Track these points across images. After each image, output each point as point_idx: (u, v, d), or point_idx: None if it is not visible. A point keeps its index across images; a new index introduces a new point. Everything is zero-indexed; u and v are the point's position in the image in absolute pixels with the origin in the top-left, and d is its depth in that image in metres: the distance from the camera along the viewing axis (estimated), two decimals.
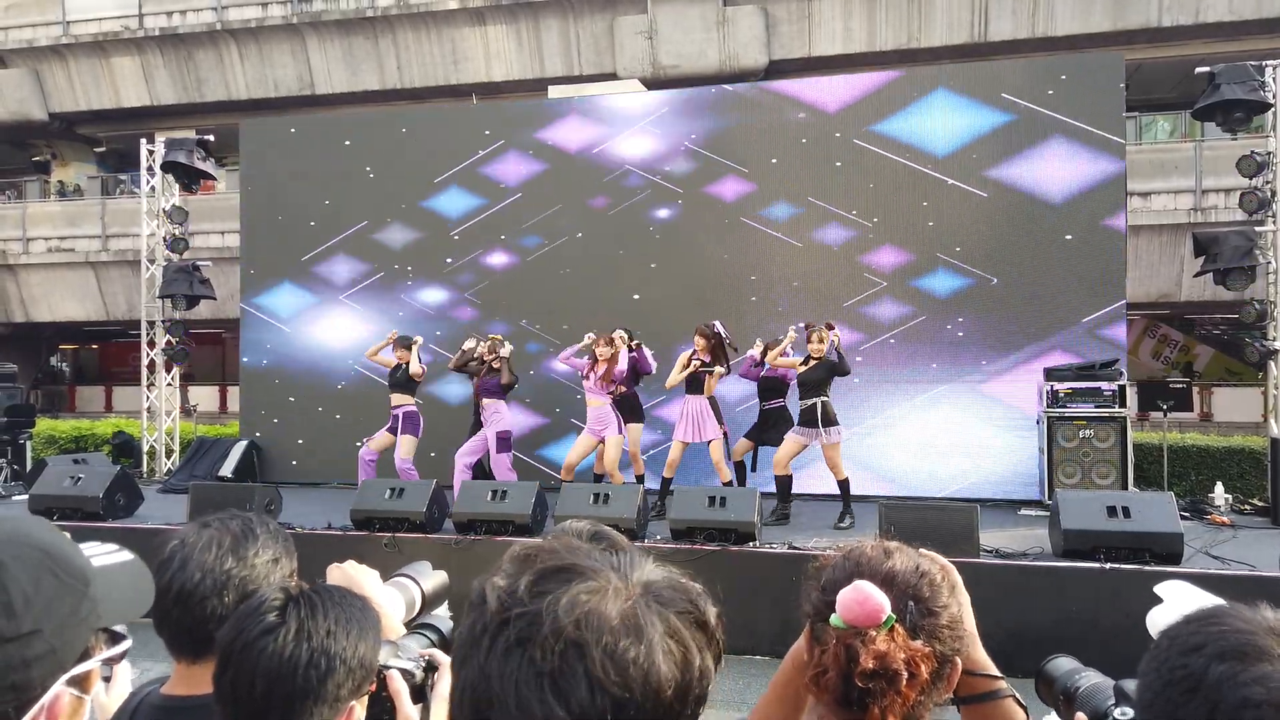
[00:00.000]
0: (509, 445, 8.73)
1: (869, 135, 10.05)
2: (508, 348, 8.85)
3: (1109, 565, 6.09)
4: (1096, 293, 9.29)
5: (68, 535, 0.92)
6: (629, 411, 8.49)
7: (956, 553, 5.90)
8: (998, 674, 1.32)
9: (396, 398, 8.94)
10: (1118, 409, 8.42)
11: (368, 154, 11.52)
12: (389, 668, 1.27)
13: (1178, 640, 0.86)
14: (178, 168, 11.52)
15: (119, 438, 12.62)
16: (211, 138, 12.04)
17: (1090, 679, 1.38)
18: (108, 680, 1.32)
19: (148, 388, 11.90)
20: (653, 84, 14.32)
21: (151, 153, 11.75)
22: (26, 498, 8.70)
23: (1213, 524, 7.95)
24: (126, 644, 0.92)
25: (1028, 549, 6.68)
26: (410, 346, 8.94)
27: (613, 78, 16.37)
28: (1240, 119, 9.05)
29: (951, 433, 9.54)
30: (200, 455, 10.94)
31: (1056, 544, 6.51)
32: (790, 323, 9.43)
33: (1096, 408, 8.45)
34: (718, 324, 8.26)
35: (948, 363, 9.70)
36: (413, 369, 8.85)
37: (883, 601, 1.14)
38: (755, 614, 6.09)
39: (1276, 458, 8.21)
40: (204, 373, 21.43)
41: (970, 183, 9.77)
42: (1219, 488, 8.62)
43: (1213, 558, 6.47)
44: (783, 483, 8.10)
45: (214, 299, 11.95)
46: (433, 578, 1.65)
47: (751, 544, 6.79)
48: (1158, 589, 1.42)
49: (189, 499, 7.95)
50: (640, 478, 8.48)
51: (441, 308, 11.24)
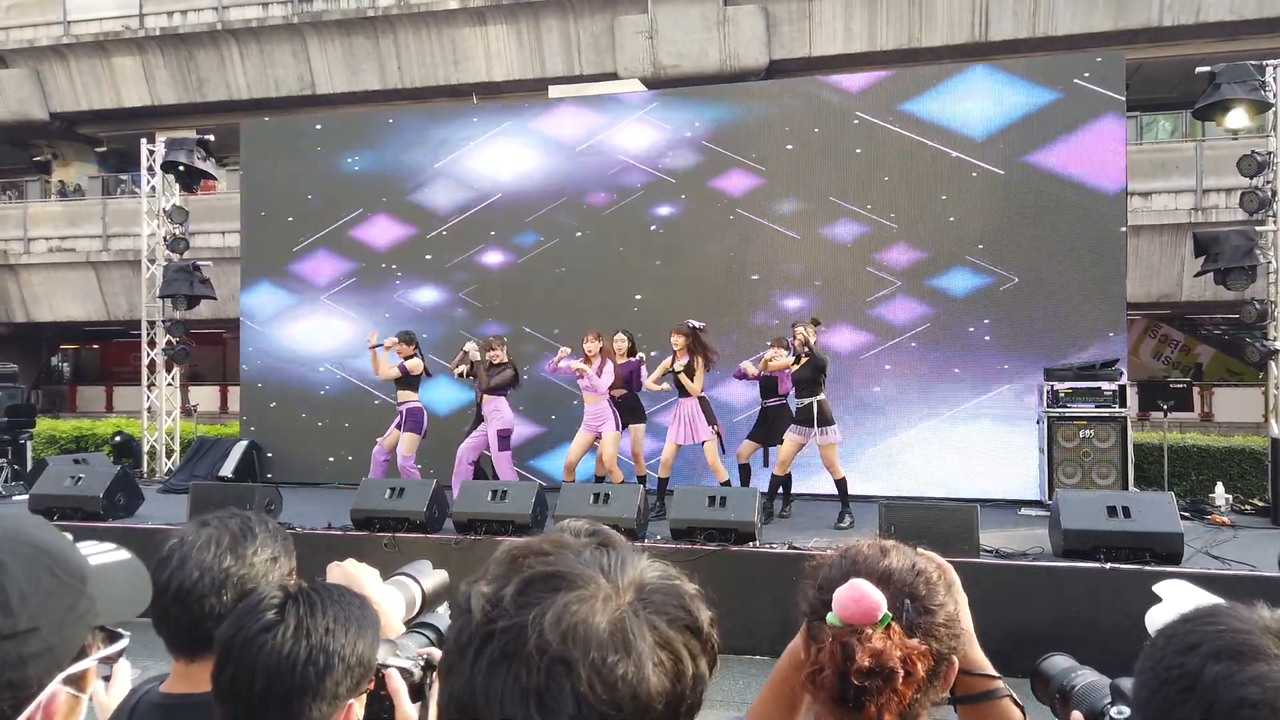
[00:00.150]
0: (509, 443, 8.72)
1: (897, 117, 9.73)
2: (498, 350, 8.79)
3: (1109, 565, 6.09)
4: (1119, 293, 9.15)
5: (69, 535, 0.92)
6: (630, 413, 8.47)
7: (956, 552, 5.90)
8: (995, 674, 1.32)
9: (401, 394, 8.88)
10: (1118, 409, 8.41)
11: (356, 148, 11.44)
12: (388, 666, 1.27)
13: (1174, 639, 0.86)
14: (178, 167, 11.53)
15: (118, 438, 12.61)
16: (212, 137, 12.04)
17: (1086, 677, 1.37)
18: (107, 680, 1.32)
19: (148, 388, 11.90)
20: (653, 84, 14.31)
21: (152, 153, 11.75)
22: (27, 497, 8.69)
23: (1213, 524, 7.94)
24: (124, 643, 0.92)
25: (1028, 549, 6.67)
26: (412, 341, 8.87)
27: (613, 77, 16.36)
28: (1246, 122, 9.01)
29: (953, 432, 9.53)
30: (200, 455, 10.94)
31: (1057, 544, 6.51)
32: (797, 323, 9.48)
33: (1097, 408, 8.44)
34: (691, 322, 8.24)
35: (973, 367, 9.45)
36: (411, 367, 8.75)
37: (879, 600, 1.14)
38: (755, 614, 6.09)
39: (1277, 458, 8.20)
40: (204, 373, 21.45)
41: (1002, 170, 9.39)
42: (1219, 488, 8.61)
43: (1213, 558, 6.46)
44: (783, 483, 8.11)
45: (214, 299, 11.95)
46: (433, 576, 1.65)
47: (751, 544, 6.79)
48: (1157, 588, 1.42)
49: (189, 499, 7.95)
50: (642, 479, 8.47)
51: (434, 308, 11.10)
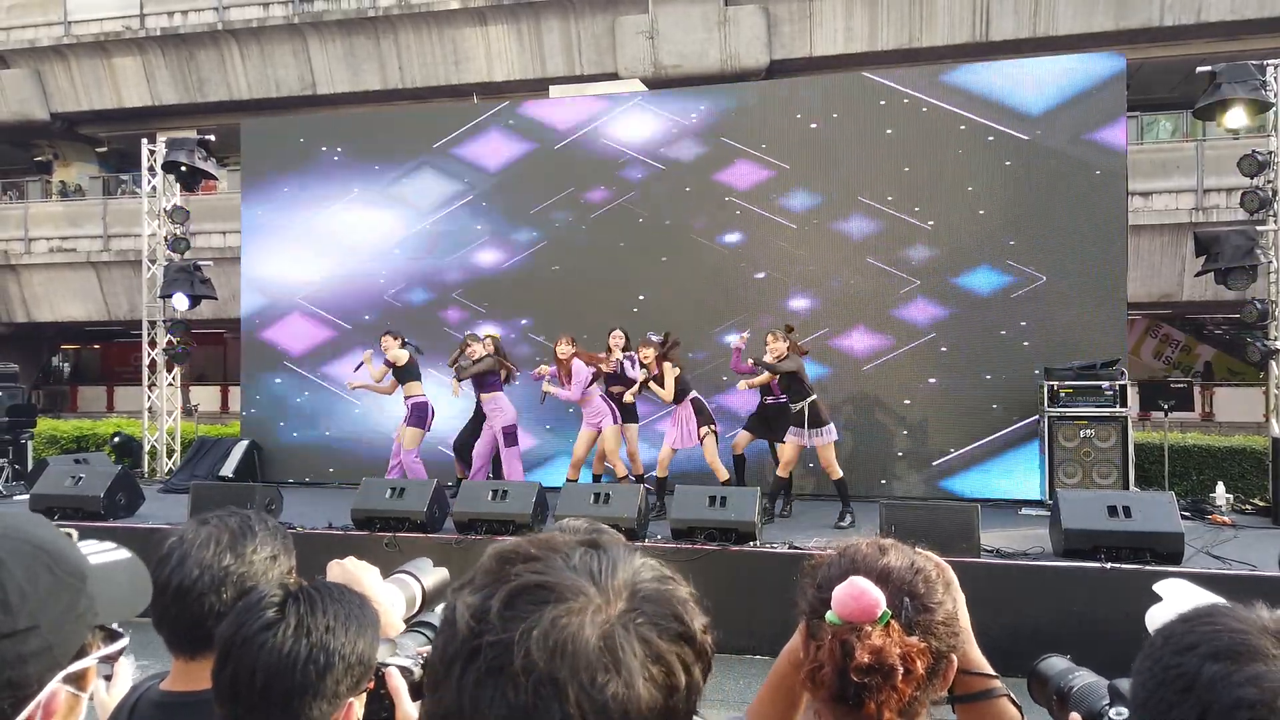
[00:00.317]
0: (517, 438, 8.73)
1: (935, 89, 9.45)
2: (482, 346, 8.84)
3: (1110, 565, 6.08)
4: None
5: (72, 532, 0.91)
6: (625, 413, 8.50)
7: (957, 552, 5.90)
8: (992, 673, 1.32)
9: (406, 388, 8.87)
10: (1119, 408, 8.41)
11: (342, 141, 11.48)
12: (388, 665, 1.27)
13: (1172, 639, 0.86)
14: (179, 168, 11.53)
15: (118, 439, 12.61)
16: (212, 137, 12.05)
17: (1084, 678, 1.37)
18: (108, 679, 1.32)
19: (149, 388, 11.90)
20: (654, 84, 14.32)
21: (153, 153, 11.75)
22: (28, 497, 8.70)
23: (1214, 524, 7.93)
24: (124, 642, 0.92)
25: (1028, 549, 6.67)
26: (397, 336, 8.86)
27: (614, 77, 16.36)
28: (1245, 122, 8.98)
29: (954, 432, 9.52)
30: (201, 455, 10.94)
31: (1057, 544, 6.50)
32: (808, 323, 9.39)
33: (1097, 407, 8.43)
34: (651, 335, 8.41)
35: (1001, 368, 9.26)
36: (396, 358, 8.72)
37: (878, 597, 1.14)
38: (755, 613, 6.08)
39: (1278, 458, 8.20)
40: (205, 373, 21.46)
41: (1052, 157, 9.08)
42: (1220, 487, 8.60)
43: (1214, 557, 6.46)
44: (782, 484, 8.11)
45: (215, 299, 11.95)
46: (433, 575, 1.65)
47: (752, 543, 6.79)
48: (1157, 587, 1.42)
49: (189, 499, 7.96)
50: (640, 477, 8.47)
51: (425, 307, 11.03)
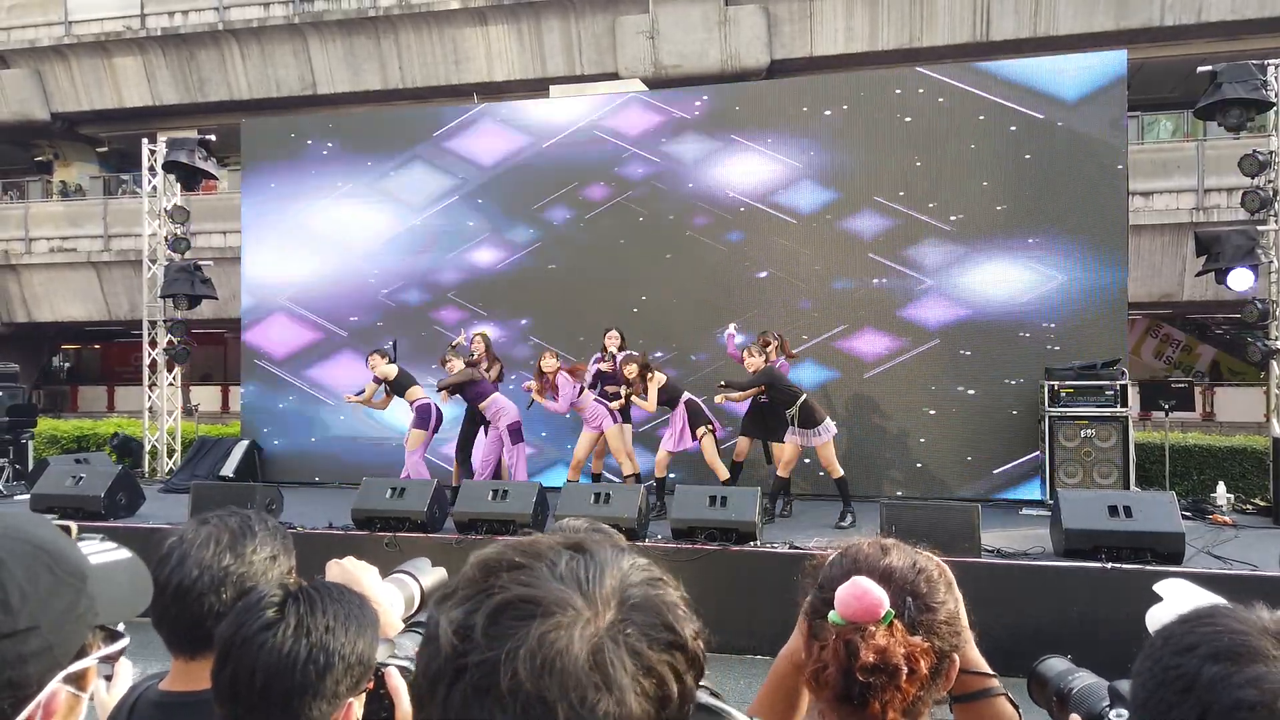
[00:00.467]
0: (522, 434, 8.76)
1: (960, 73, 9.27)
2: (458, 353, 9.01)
3: (1110, 565, 6.08)
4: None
5: (72, 525, 0.91)
6: (622, 412, 8.51)
7: (958, 552, 5.90)
8: (990, 672, 1.32)
9: (407, 395, 8.97)
10: (1119, 408, 8.40)
11: (338, 138, 11.49)
12: (387, 665, 1.27)
13: (1171, 640, 0.85)
14: (179, 167, 11.53)
15: (118, 440, 12.59)
16: (213, 137, 12.05)
17: (1084, 680, 1.37)
18: (108, 679, 1.32)
19: (149, 388, 11.91)
20: (654, 84, 14.30)
21: (153, 152, 11.75)
22: (28, 497, 8.70)
23: (1215, 524, 7.92)
24: (124, 642, 0.92)
25: (1029, 548, 6.67)
26: (384, 354, 9.00)
27: (614, 77, 16.36)
28: (1236, 116, 8.97)
29: (956, 431, 9.51)
30: (202, 455, 10.95)
31: (1058, 543, 6.50)
32: (815, 325, 9.37)
33: (1098, 407, 8.43)
34: (632, 353, 8.41)
35: (1016, 371, 9.15)
36: (384, 374, 8.90)
37: (881, 597, 1.14)
38: (755, 613, 6.09)
39: (1278, 458, 8.20)
40: (205, 373, 21.46)
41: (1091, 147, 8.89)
42: (1221, 487, 8.59)
43: (1214, 557, 6.45)
44: (783, 484, 8.11)
45: (215, 299, 11.95)
46: (432, 574, 1.64)
47: (752, 543, 6.79)
48: (1157, 587, 1.42)
49: (190, 499, 7.96)
50: (637, 476, 8.47)
51: (420, 308, 10.99)
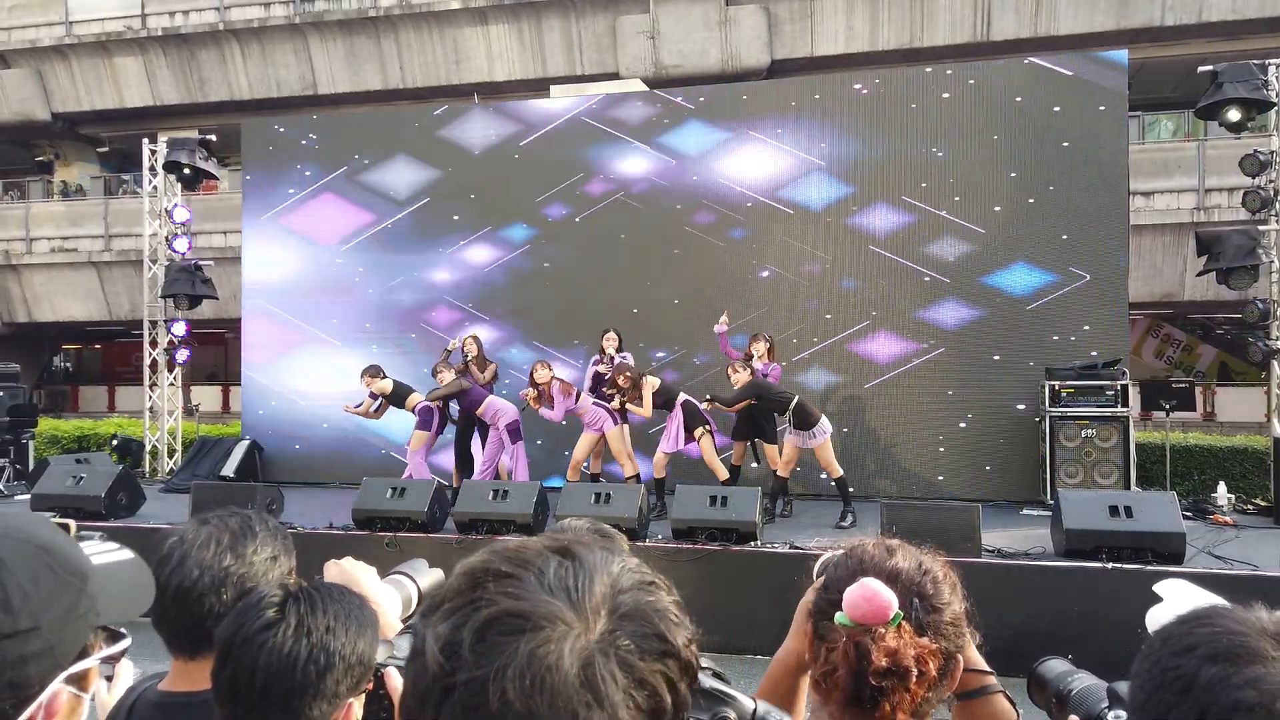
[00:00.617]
0: (521, 433, 8.77)
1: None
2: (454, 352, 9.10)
3: (1111, 565, 6.07)
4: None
5: (70, 523, 0.91)
6: (620, 412, 8.51)
7: (958, 552, 5.89)
8: (988, 670, 1.32)
9: (408, 402, 9.05)
10: (1120, 408, 8.39)
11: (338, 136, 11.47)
12: (386, 666, 1.27)
13: (1170, 641, 0.85)
14: (180, 168, 11.52)
15: (118, 441, 12.59)
16: (214, 137, 12.05)
17: (1083, 681, 1.37)
18: (109, 679, 1.32)
19: (150, 388, 11.91)
20: (655, 83, 14.30)
21: (154, 152, 11.75)
22: (29, 497, 8.71)
23: (1215, 524, 7.92)
24: (126, 642, 0.92)
25: (1030, 549, 6.66)
26: (376, 373, 9.05)
27: (615, 77, 16.36)
28: (1237, 117, 8.96)
29: (956, 431, 9.50)
30: (202, 455, 10.94)
31: (1058, 544, 6.49)
32: (822, 326, 9.35)
33: (1099, 407, 8.42)
34: (626, 371, 8.32)
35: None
36: (380, 389, 8.99)
37: (890, 599, 1.13)
38: (756, 613, 6.09)
39: (1279, 458, 8.19)
40: (206, 372, 21.47)
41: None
42: (1222, 487, 8.59)
43: (1215, 557, 6.45)
44: (783, 484, 8.11)
45: (216, 299, 11.95)
46: (429, 575, 1.65)
47: (753, 543, 6.79)
48: (1157, 587, 1.42)
49: (190, 499, 7.96)
50: (638, 477, 8.46)
51: (413, 309, 10.95)
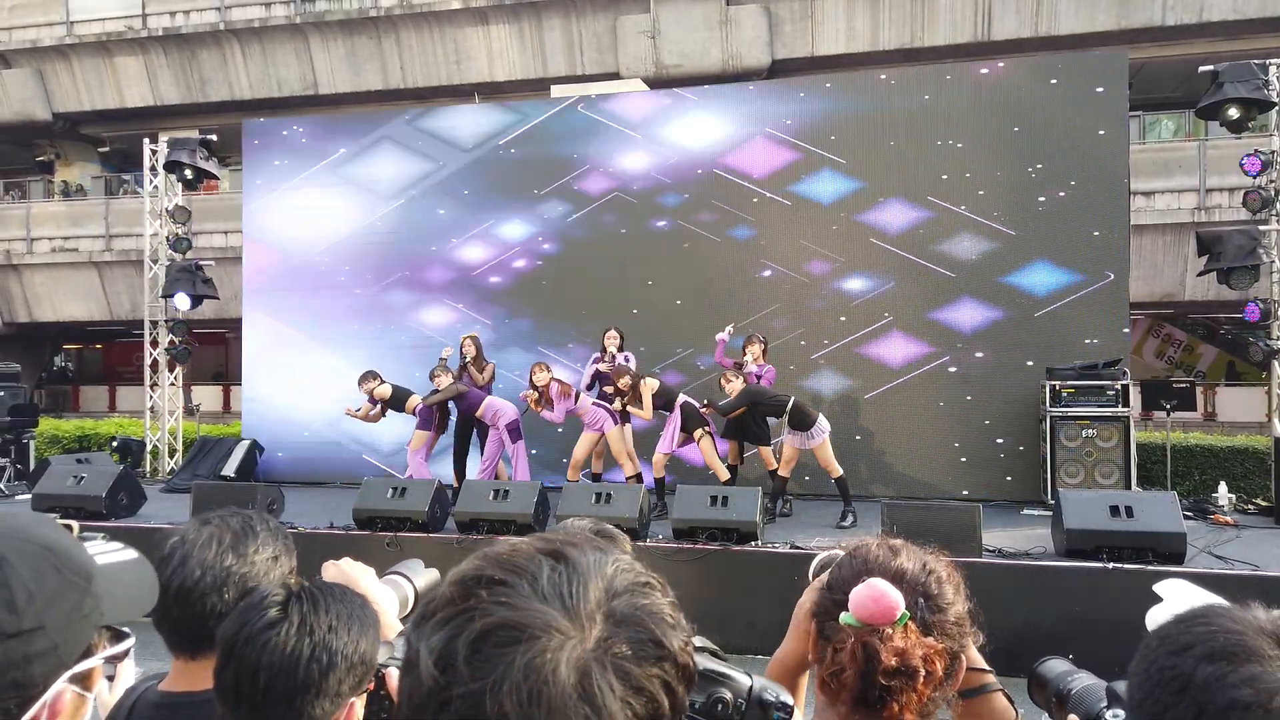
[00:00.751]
0: (521, 432, 8.78)
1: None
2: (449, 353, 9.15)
3: (1112, 565, 6.08)
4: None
5: (73, 528, 0.91)
6: (621, 412, 8.51)
7: (959, 552, 5.89)
8: (987, 668, 1.33)
9: (408, 405, 9.07)
10: (1121, 408, 8.39)
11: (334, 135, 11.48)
12: (388, 666, 1.28)
13: (1167, 640, 0.85)
14: (181, 168, 11.53)
15: (118, 443, 12.58)
16: (214, 137, 12.05)
17: (1083, 681, 1.38)
18: (110, 679, 1.32)
19: (151, 388, 11.91)
20: (655, 83, 14.31)
21: (155, 152, 11.76)
22: (30, 497, 8.71)
23: (1216, 524, 7.92)
24: (130, 642, 0.92)
25: (1030, 548, 6.67)
26: (374, 377, 9.08)
27: (615, 77, 16.36)
28: (1238, 117, 8.95)
29: (959, 432, 9.48)
30: (203, 455, 10.94)
31: (1059, 543, 6.49)
32: (834, 329, 9.30)
33: (1100, 407, 8.41)
34: (627, 376, 8.31)
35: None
36: (379, 394, 9.01)
37: (898, 599, 1.13)
38: (756, 613, 6.09)
39: None
40: (207, 373, 21.48)
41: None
42: (1223, 487, 8.59)
43: (1216, 557, 6.45)
44: (784, 484, 8.11)
45: (216, 299, 11.96)
46: (425, 576, 1.65)
47: (753, 543, 6.79)
48: (1158, 587, 1.42)
49: (191, 498, 7.97)
50: (639, 477, 8.47)
51: (406, 309, 10.96)
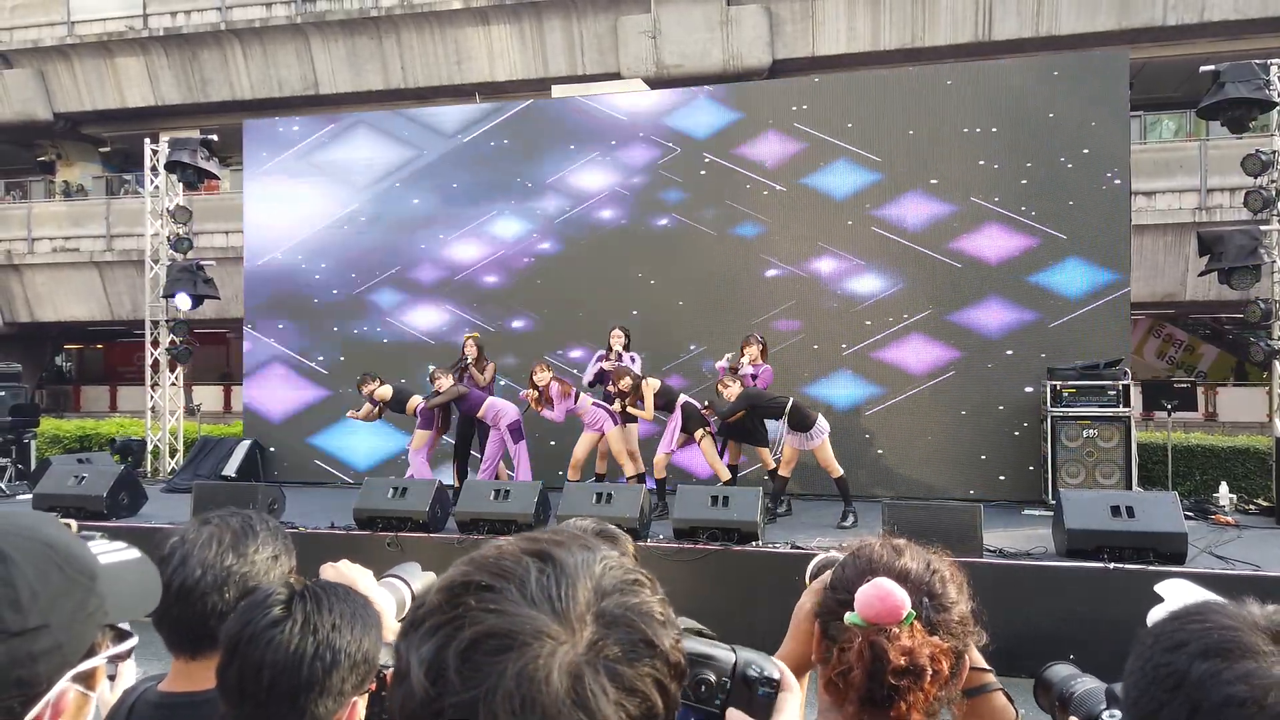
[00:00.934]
0: (522, 432, 8.78)
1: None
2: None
3: (1113, 565, 6.07)
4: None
5: (72, 527, 0.92)
6: (622, 413, 8.52)
7: (960, 552, 5.87)
8: (987, 667, 1.33)
9: (409, 406, 9.08)
10: (1122, 408, 8.38)
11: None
12: (389, 667, 1.28)
13: (1162, 637, 0.85)
14: (182, 167, 11.53)
15: (118, 444, 12.58)
16: (215, 137, 12.05)
17: (1085, 684, 1.39)
18: (112, 679, 1.32)
19: (152, 388, 11.92)
20: (656, 83, 14.30)
21: (156, 152, 11.76)
22: (31, 497, 8.71)
23: (1217, 524, 7.92)
24: (133, 641, 0.92)
25: (1031, 549, 6.66)
26: (373, 377, 9.10)
27: (616, 77, 16.37)
28: (1240, 116, 8.95)
29: (959, 432, 9.49)
30: (204, 455, 10.95)
31: (1060, 544, 6.49)
32: (847, 332, 9.30)
33: (1100, 407, 8.41)
34: (627, 378, 8.30)
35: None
36: (380, 395, 9.03)
37: (904, 598, 1.13)
38: (757, 613, 6.09)
39: None
40: (207, 373, 21.48)
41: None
42: (1223, 488, 8.58)
43: (1217, 557, 6.45)
44: (784, 484, 8.11)
45: (217, 299, 11.96)
46: (421, 579, 1.65)
47: (754, 543, 6.79)
48: (1159, 587, 1.42)
49: (192, 498, 7.97)
50: (640, 477, 8.47)
51: (399, 308, 10.91)
